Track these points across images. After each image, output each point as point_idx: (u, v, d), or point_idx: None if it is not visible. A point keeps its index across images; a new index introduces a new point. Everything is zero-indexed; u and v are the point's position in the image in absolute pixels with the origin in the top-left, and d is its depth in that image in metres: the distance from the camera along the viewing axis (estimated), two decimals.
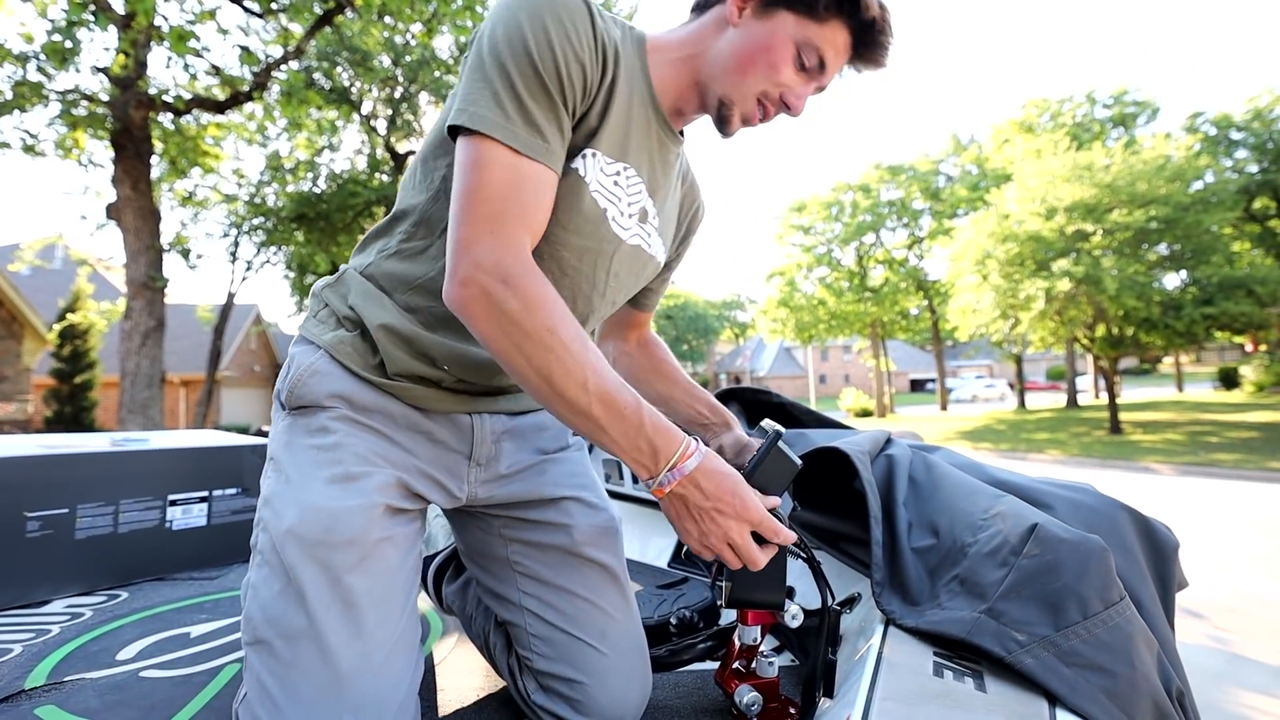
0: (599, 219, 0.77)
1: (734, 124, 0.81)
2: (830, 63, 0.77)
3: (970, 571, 0.92)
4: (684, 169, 0.95)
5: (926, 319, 26.31)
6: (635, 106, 0.78)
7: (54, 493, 1.34)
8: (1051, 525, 0.89)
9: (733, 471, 0.71)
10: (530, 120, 0.68)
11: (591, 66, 0.71)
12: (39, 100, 5.41)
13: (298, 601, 0.67)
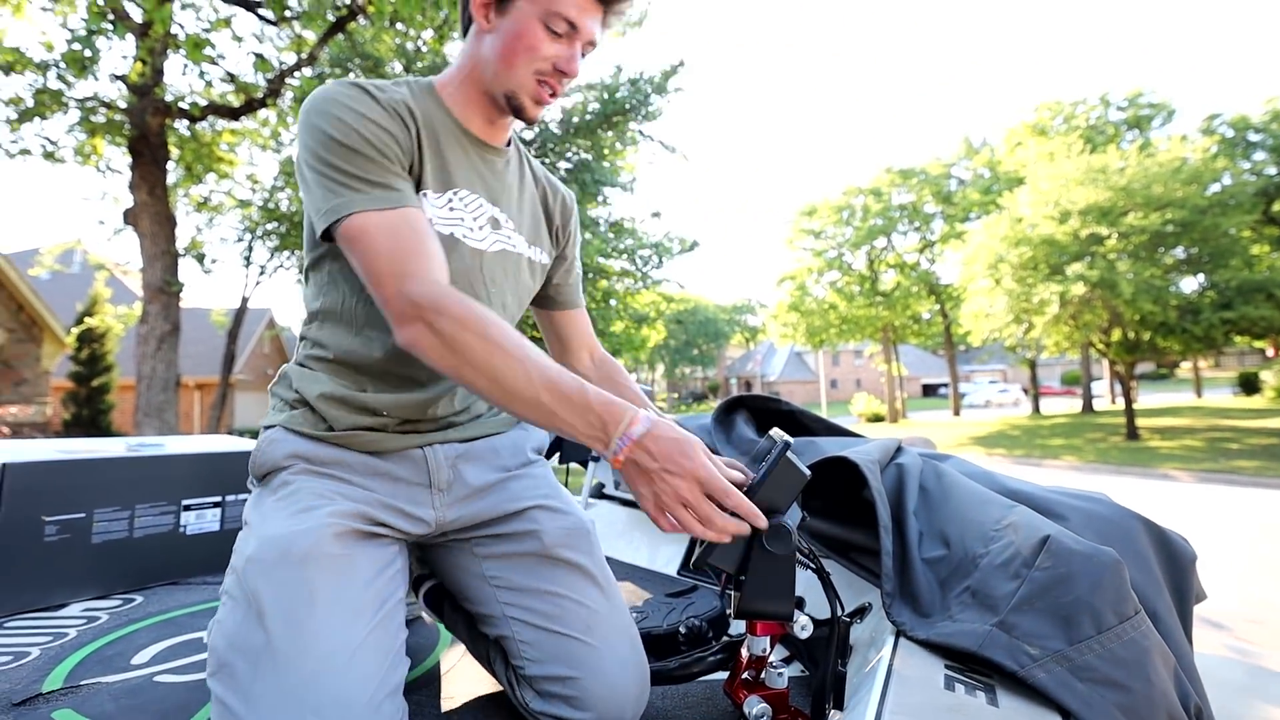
0: (450, 243, 0.85)
1: (528, 109, 0.88)
2: (580, 21, 0.84)
3: (982, 583, 0.91)
4: (530, 171, 1.03)
5: (939, 323, 26.12)
6: (444, 139, 0.88)
7: (72, 497, 1.36)
8: (1064, 537, 0.88)
9: (684, 436, 0.72)
10: (369, 182, 0.76)
11: (394, 124, 0.81)
12: (59, 108, 5.51)
13: (257, 621, 0.69)
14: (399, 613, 0.80)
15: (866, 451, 1.19)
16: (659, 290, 13.39)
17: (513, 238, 0.95)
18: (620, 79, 9.83)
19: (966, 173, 24.79)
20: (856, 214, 25.30)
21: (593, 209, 10.92)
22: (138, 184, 6.12)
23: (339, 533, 0.77)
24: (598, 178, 9.85)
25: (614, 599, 0.90)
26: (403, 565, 0.86)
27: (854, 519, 1.25)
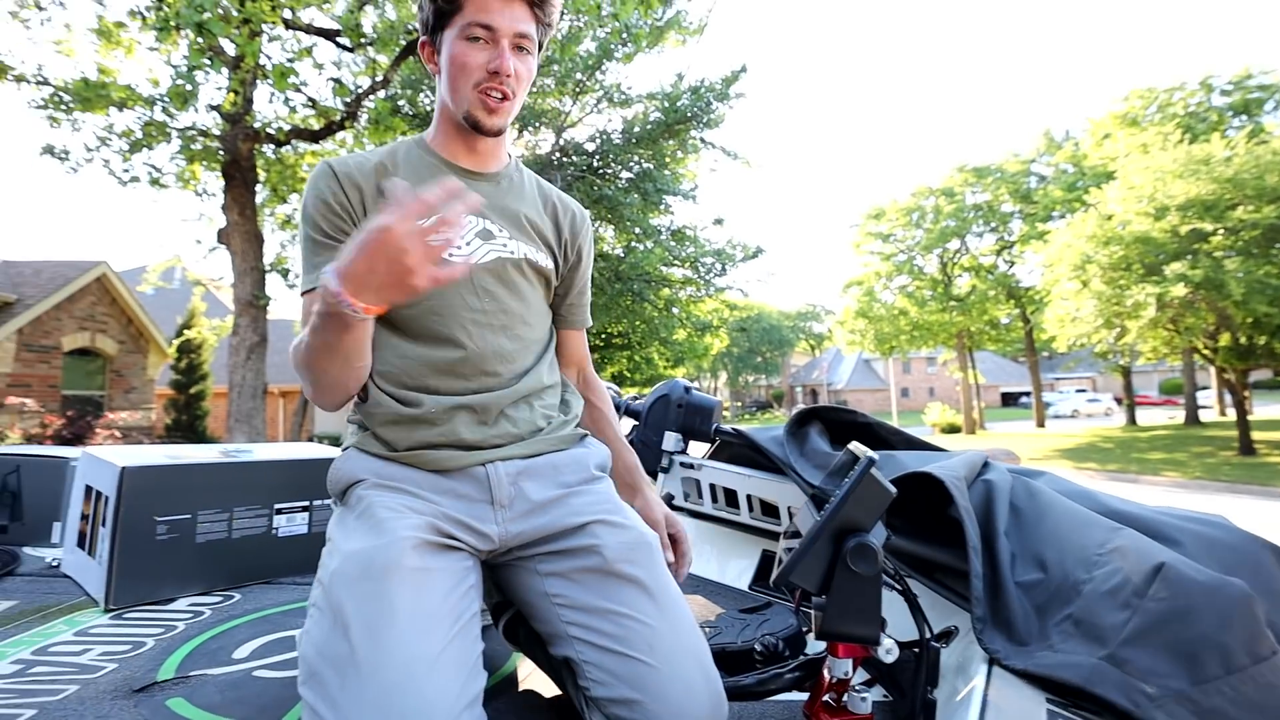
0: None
1: (483, 121, 0.96)
2: (494, 21, 0.91)
3: (1086, 612, 0.85)
4: (536, 189, 1.10)
5: (1019, 328, 24.76)
6: (426, 174, 0.98)
7: (178, 499, 1.46)
8: (1181, 565, 0.80)
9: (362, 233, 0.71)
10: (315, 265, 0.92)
11: (339, 197, 0.94)
12: (164, 138, 6.02)
13: (343, 632, 0.72)
14: (475, 625, 0.81)
15: (951, 467, 1.13)
16: (722, 298, 13.30)
17: (509, 244, 1.00)
18: (681, 87, 9.85)
19: (1048, 169, 23.47)
20: (927, 216, 24.37)
21: (655, 218, 10.98)
22: (230, 205, 6.60)
23: (415, 546, 0.79)
24: (659, 186, 9.90)
25: (679, 617, 0.87)
26: (477, 580, 0.87)
27: (938, 538, 1.18)
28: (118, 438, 9.37)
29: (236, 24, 4.98)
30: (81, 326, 11.02)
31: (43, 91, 6.30)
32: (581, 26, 8.16)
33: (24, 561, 1.68)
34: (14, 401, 9.23)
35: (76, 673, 1.08)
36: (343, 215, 0.95)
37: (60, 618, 1.33)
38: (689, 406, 1.82)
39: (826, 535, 0.80)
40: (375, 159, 0.99)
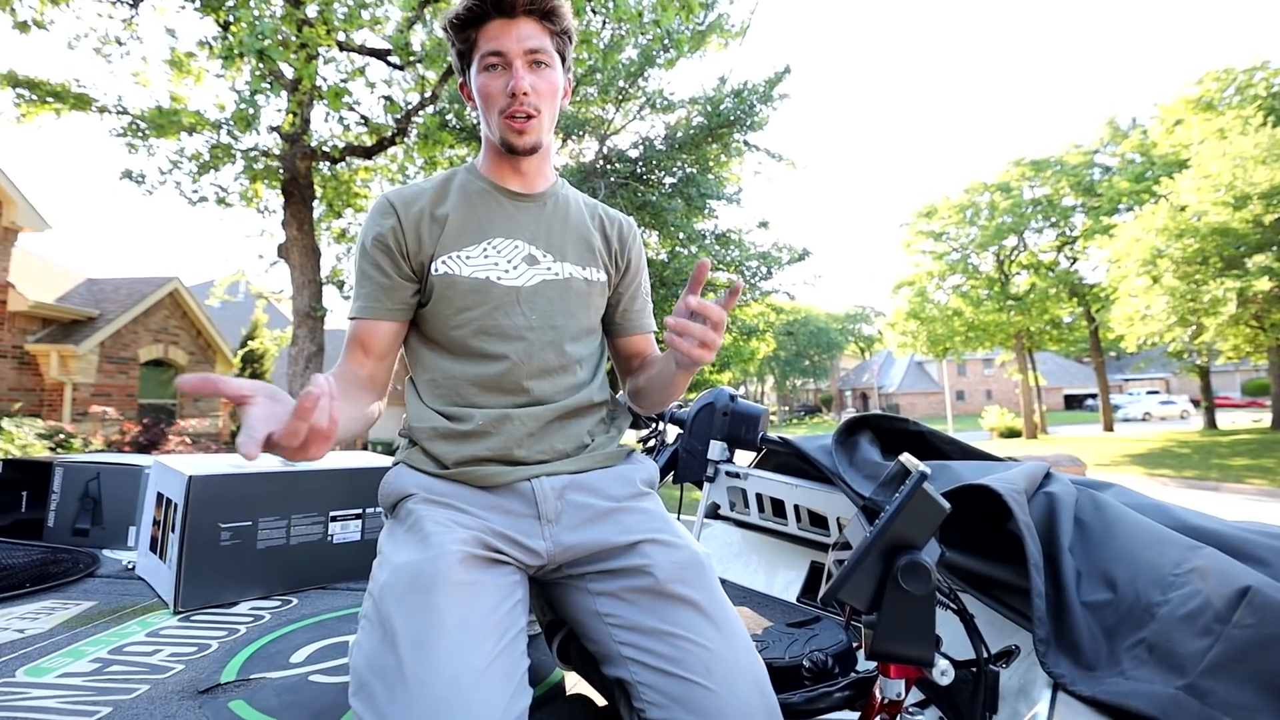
0: (484, 286, 0.98)
1: (514, 143, 0.99)
2: (502, 46, 0.94)
3: (1162, 637, 0.79)
4: (581, 206, 1.13)
5: (1082, 328, 23.61)
6: (477, 200, 1.03)
7: (241, 507, 1.52)
8: (1270, 589, 0.74)
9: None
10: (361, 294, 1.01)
11: (397, 233, 0.99)
12: (229, 159, 6.36)
13: (391, 645, 0.73)
14: (521, 640, 0.81)
15: (1010, 479, 1.08)
16: (768, 301, 13.14)
17: (554, 267, 1.04)
18: (724, 90, 9.80)
19: (1112, 160, 22.34)
20: (982, 212, 23.53)
21: (699, 222, 10.94)
22: (289, 221, 6.92)
23: (462, 559, 0.80)
24: (703, 191, 9.86)
25: (735, 637, 0.86)
26: (524, 596, 0.88)
27: (996, 553, 1.13)
28: (188, 444, 9.90)
29: (295, 48, 5.22)
30: (156, 339, 11.71)
31: (122, 120, 6.76)
32: (624, 34, 8.22)
33: (103, 563, 1.79)
34: (96, 410, 9.89)
35: (148, 673, 1.14)
36: (395, 247, 0.99)
37: (134, 618, 1.40)
38: (734, 415, 1.80)
39: (876, 552, 0.77)
40: (431, 188, 1.04)
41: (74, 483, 2.00)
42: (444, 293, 0.98)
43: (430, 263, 0.99)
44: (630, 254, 1.15)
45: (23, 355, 9.93)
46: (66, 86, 6.59)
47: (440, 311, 0.99)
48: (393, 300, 1.00)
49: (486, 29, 0.96)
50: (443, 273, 0.98)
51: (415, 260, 1.00)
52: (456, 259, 0.99)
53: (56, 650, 1.23)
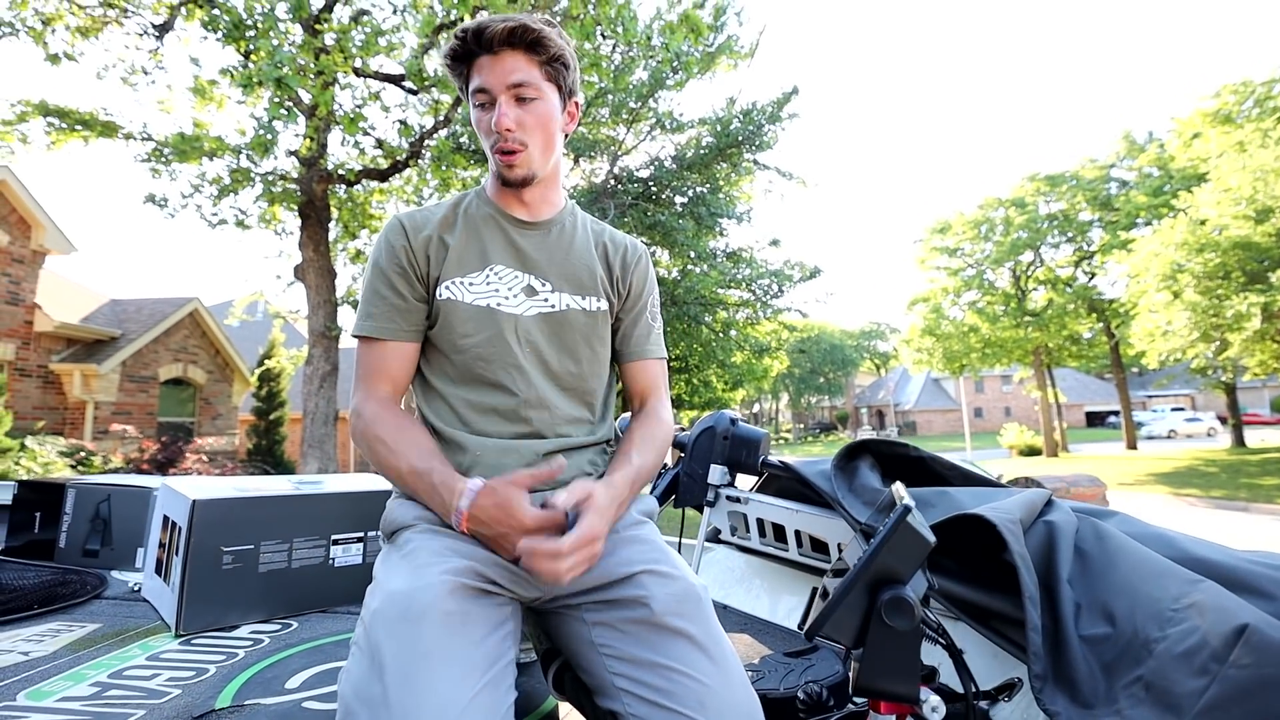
0: (486, 313, 1.00)
1: (505, 176, 1.02)
2: (487, 83, 0.97)
3: (1159, 675, 0.77)
4: (587, 232, 1.13)
5: (1103, 343, 23.25)
6: (484, 227, 1.05)
7: (243, 530, 1.54)
8: (1269, 627, 0.72)
9: (502, 499, 0.84)
10: (376, 315, 1.00)
11: (408, 253, 1.01)
12: (248, 183, 6.51)
13: (378, 674, 0.73)
14: (509, 673, 0.81)
15: (1006, 508, 1.06)
16: (779, 319, 13.10)
17: (550, 298, 1.05)
18: (733, 111, 9.88)
19: (1129, 174, 22.11)
20: (996, 228, 23.36)
21: (710, 240, 10.98)
22: (305, 243, 7.05)
23: (453, 589, 0.80)
24: (713, 210, 9.90)
25: (730, 671, 0.85)
26: (514, 628, 0.88)
27: (995, 583, 1.11)
28: (205, 462, 10.03)
29: (312, 74, 5.36)
30: (176, 358, 11.93)
31: (146, 146, 6.95)
32: (634, 57, 8.34)
33: (110, 585, 1.81)
34: (117, 428, 10.06)
35: (145, 697, 1.14)
36: (408, 268, 1.01)
37: (136, 641, 1.41)
38: (735, 439, 1.79)
39: (861, 586, 0.76)
40: (441, 212, 1.05)
41: (85, 504, 2.04)
42: (448, 318, 1.00)
43: (436, 287, 1.01)
44: (632, 279, 1.14)
45: (47, 374, 10.16)
46: (95, 115, 6.81)
47: (444, 336, 1.01)
48: (408, 321, 1.02)
49: (476, 65, 0.98)
50: (446, 298, 1.00)
51: (425, 283, 1.02)
52: (460, 285, 1.01)
53: (58, 673, 1.24)
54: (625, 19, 6.33)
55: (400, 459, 0.92)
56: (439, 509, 0.89)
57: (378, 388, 1.00)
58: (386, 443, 0.93)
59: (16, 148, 6.90)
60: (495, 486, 0.86)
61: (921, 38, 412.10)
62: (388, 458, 0.93)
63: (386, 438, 0.94)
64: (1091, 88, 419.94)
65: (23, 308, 9.81)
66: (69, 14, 6.53)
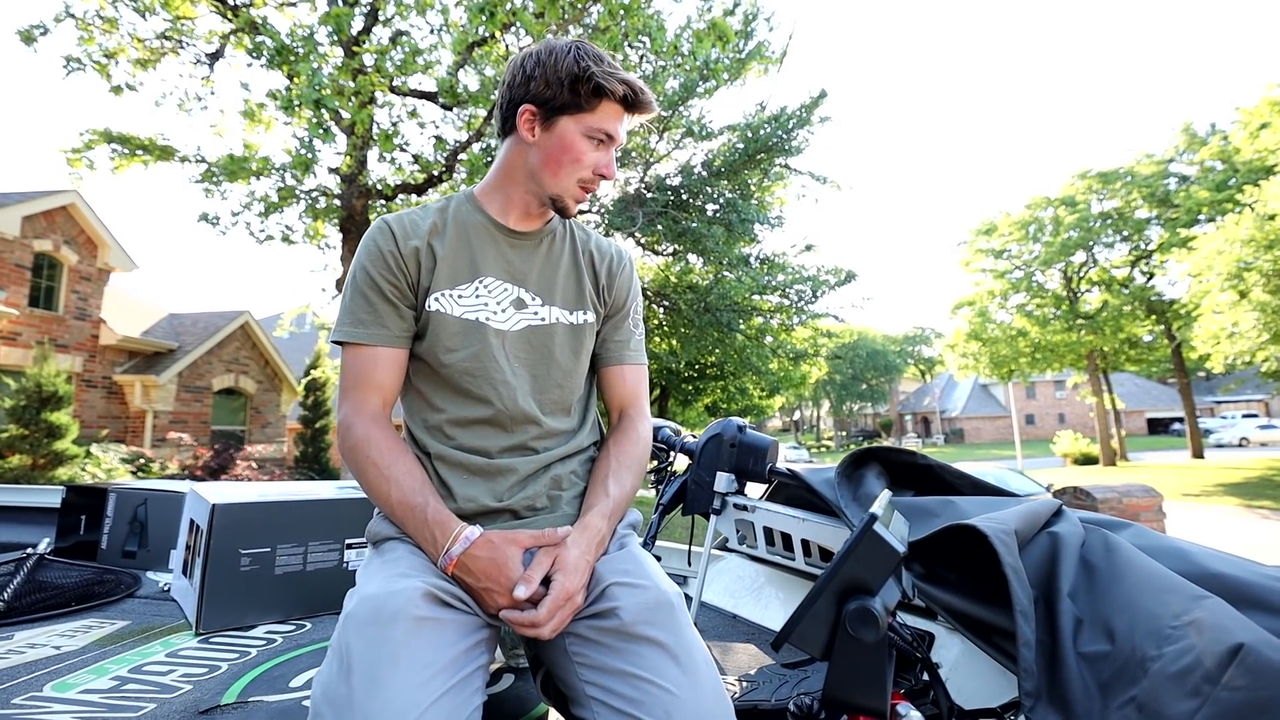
0: (475, 327, 1.00)
1: (570, 209, 1.03)
2: (614, 130, 0.99)
3: (1152, 696, 0.73)
4: (574, 242, 1.12)
5: (1164, 347, 22.14)
6: (474, 235, 1.03)
7: (261, 534, 1.60)
8: (1266, 648, 0.68)
9: (501, 557, 0.85)
10: (362, 320, 0.98)
11: (397, 259, 0.99)
12: (293, 200, 6.78)
13: (345, 675, 0.74)
14: (477, 679, 0.82)
15: (1003, 519, 1.02)
16: (814, 325, 12.90)
17: (540, 311, 1.05)
18: (763, 116, 9.82)
19: (1190, 168, 21.07)
20: (1045, 228, 22.54)
21: (742, 247, 10.90)
22: (346, 256, 7.30)
23: (426, 596, 0.82)
24: (744, 216, 9.83)
25: (701, 680, 0.83)
26: (488, 635, 0.88)
27: (995, 597, 1.07)
28: (255, 469, 10.43)
29: (351, 94, 5.57)
30: (228, 369, 12.48)
31: (199, 168, 7.33)
32: (664, 66, 8.39)
33: (143, 585, 1.90)
34: (173, 436, 10.57)
35: (158, 692, 1.20)
36: (397, 274, 0.99)
37: (159, 639, 1.48)
38: (742, 446, 1.77)
39: (827, 596, 0.75)
40: (429, 219, 1.03)
41: (125, 508, 2.15)
42: (435, 331, 0.99)
43: (425, 297, 1.00)
44: (616, 286, 1.13)
45: (111, 385, 10.76)
46: (154, 140, 7.22)
47: (431, 349, 1.00)
48: (397, 327, 1.00)
49: (611, 107, 0.98)
50: (435, 309, 0.99)
51: (414, 290, 1.01)
52: (449, 297, 1.00)
53: (84, 667, 1.31)
54: (653, 29, 6.38)
55: (392, 487, 0.92)
56: (426, 545, 0.89)
57: (367, 400, 0.98)
58: (379, 468, 0.92)
59: (84, 173, 7.35)
60: (494, 541, 0.86)
61: (963, 34, 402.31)
62: (379, 484, 0.92)
63: (380, 462, 0.93)
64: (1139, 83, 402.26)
65: (89, 322, 10.43)
66: (130, 47, 6.95)
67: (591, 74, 0.95)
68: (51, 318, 9.85)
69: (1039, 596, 0.95)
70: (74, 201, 10.02)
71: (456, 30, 6.76)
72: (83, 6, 6.68)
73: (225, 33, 6.96)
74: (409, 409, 1.06)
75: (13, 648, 1.41)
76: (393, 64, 6.26)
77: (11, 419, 7.94)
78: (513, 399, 1.00)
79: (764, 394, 17.13)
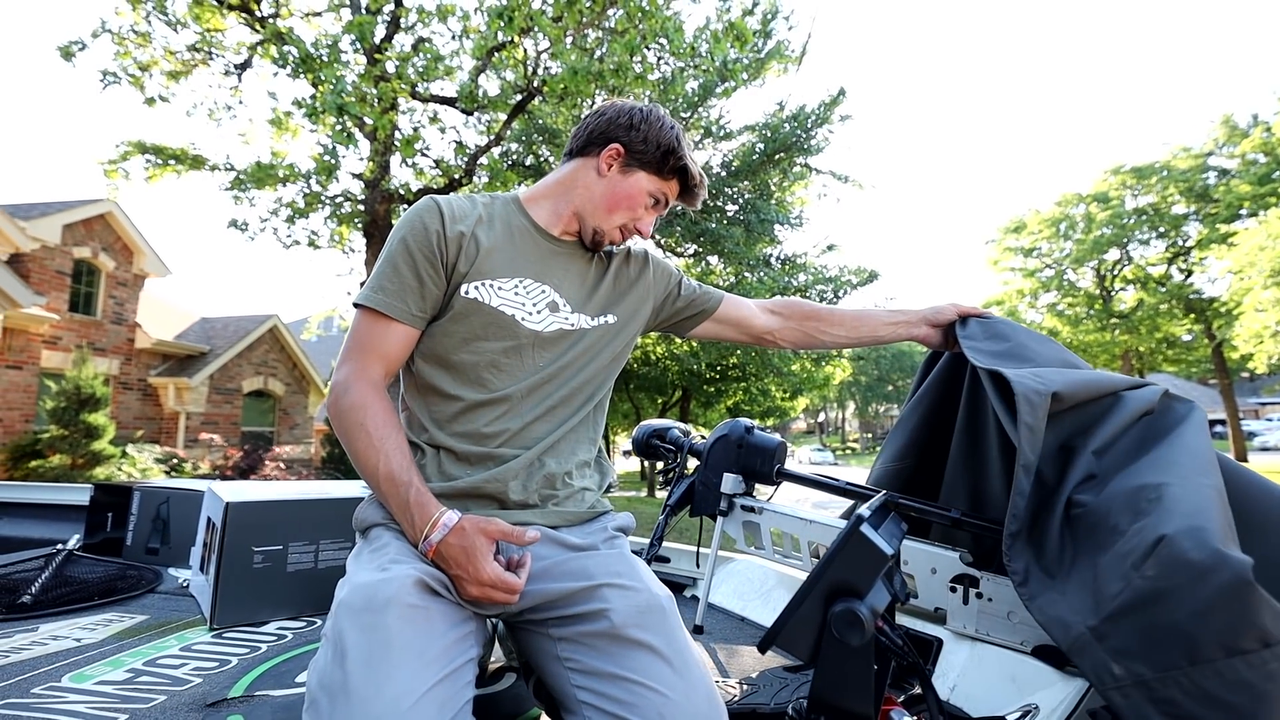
0: (510, 322, 1.01)
1: (602, 245, 1.11)
2: (669, 201, 1.12)
3: (1104, 568, 0.74)
4: (603, 255, 1.17)
5: (1203, 346, 21.43)
6: (517, 236, 1.07)
7: (273, 532, 1.63)
8: (1186, 539, 0.66)
9: (471, 547, 0.85)
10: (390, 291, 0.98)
11: (441, 239, 1.00)
12: (318, 205, 6.93)
13: (340, 661, 0.74)
14: (468, 671, 0.82)
15: (1050, 377, 0.95)
16: None
17: (570, 317, 1.08)
18: (782, 116, 9.75)
19: (1230, 161, 20.36)
20: (1077, 225, 21.98)
21: (763, 247, 10.84)
22: (370, 260, 7.42)
23: (418, 585, 0.82)
24: (764, 216, 9.77)
25: (694, 682, 0.83)
26: (477, 628, 0.89)
27: None
28: (283, 469, 10.65)
29: (373, 100, 5.67)
30: (257, 371, 12.77)
31: (228, 176, 7.53)
32: (683, 68, 8.39)
33: (164, 580, 1.95)
34: (205, 437, 10.86)
35: (170, 685, 1.23)
36: (435, 253, 1.00)
37: (174, 633, 1.52)
38: (749, 447, 1.76)
39: (814, 599, 0.74)
40: (476, 209, 1.07)
41: (148, 506, 2.21)
42: (466, 316, 1.00)
43: (461, 283, 1.01)
44: (648, 275, 1.21)
45: (146, 387, 11.09)
46: (185, 150, 7.44)
47: (456, 331, 1.01)
48: (419, 307, 1.00)
49: (674, 185, 1.13)
50: (473, 297, 1.00)
51: (448, 273, 1.01)
52: (489, 287, 1.02)
53: (101, 659, 1.35)
54: (671, 31, 6.38)
55: (380, 459, 0.91)
56: (406, 528, 0.90)
57: (370, 367, 0.98)
58: (371, 436, 0.92)
59: (120, 183, 7.60)
60: (466, 529, 0.87)
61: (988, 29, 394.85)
62: (368, 452, 0.92)
63: (373, 431, 0.92)
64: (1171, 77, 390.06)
65: (125, 326, 10.77)
66: (163, 60, 7.17)
67: (682, 155, 1.09)
68: (90, 322, 10.19)
69: (1065, 446, 0.93)
70: (111, 210, 10.36)
71: (476, 36, 6.84)
72: (118, 22, 6.92)
73: (253, 44, 7.15)
74: (415, 398, 1.06)
75: (36, 639, 1.45)
76: (415, 70, 6.36)
77: (52, 420, 8.23)
78: (533, 395, 1.02)
79: (786, 396, 16.97)
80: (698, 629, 1.60)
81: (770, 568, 1.89)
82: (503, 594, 0.85)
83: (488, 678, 1.27)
